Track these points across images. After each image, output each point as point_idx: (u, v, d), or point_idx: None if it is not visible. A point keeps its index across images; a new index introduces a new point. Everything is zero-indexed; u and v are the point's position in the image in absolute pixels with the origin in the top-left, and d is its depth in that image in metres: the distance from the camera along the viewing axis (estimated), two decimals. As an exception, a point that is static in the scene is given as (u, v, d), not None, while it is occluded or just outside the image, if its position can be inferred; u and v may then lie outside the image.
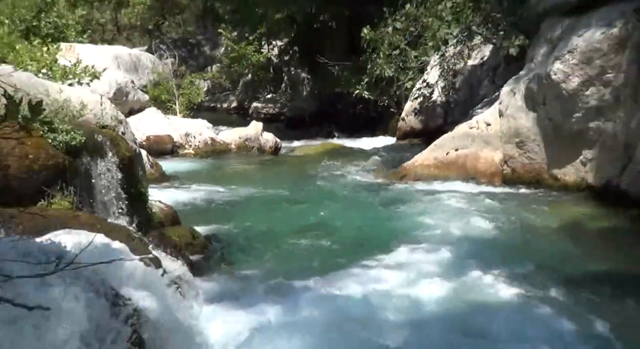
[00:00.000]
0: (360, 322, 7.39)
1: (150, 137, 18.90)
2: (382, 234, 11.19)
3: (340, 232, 11.33)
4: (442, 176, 14.68)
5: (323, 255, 10.01)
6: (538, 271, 8.92)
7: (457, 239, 10.64)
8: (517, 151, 14.04)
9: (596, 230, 11.11)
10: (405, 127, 21.36)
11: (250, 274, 9.22)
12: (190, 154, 19.57)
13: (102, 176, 8.57)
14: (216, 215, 12.46)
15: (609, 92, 12.20)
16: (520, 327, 7.19)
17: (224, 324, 7.29)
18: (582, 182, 13.10)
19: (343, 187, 15.05)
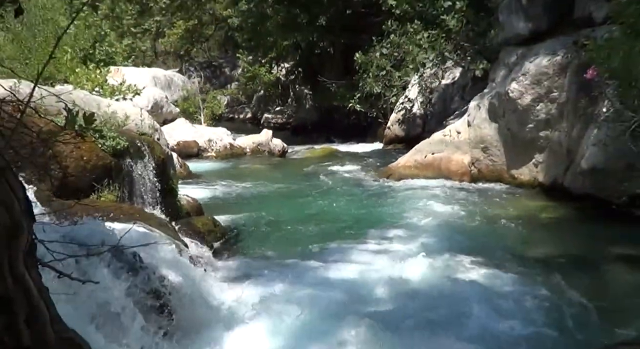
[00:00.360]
0: (352, 295, 7.45)
1: (180, 143, 18.96)
2: (371, 222, 11.25)
3: (336, 220, 11.40)
4: (421, 175, 14.72)
5: (322, 239, 10.06)
6: (500, 253, 9.03)
7: (433, 226, 10.72)
8: (482, 155, 14.11)
9: (545, 219, 11.19)
10: (391, 134, 21.39)
11: (261, 255, 9.28)
12: (212, 157, 19.61)
13: (141, 174, 8.66)
14: (233, 206, 12.50)
15: (555, 108, 12.34)
16: (486, 298, 7.27)
17: (239, 297, 7.33)
18: (534, 180, 13.18)
19: (339, 183, 15.10)
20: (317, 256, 9.18)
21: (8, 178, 1.26)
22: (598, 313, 6.87)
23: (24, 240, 1.29)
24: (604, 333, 6.24)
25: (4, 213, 1.25)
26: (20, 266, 1.29)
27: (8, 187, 1.26)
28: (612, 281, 7.92)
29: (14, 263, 1.28)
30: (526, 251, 9.21)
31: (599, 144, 10.90)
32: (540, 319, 6.70)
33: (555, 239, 9.92)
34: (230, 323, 6.60)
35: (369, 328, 6.22)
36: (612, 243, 9.29)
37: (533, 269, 8.36)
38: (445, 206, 12.14)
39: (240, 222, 11.15)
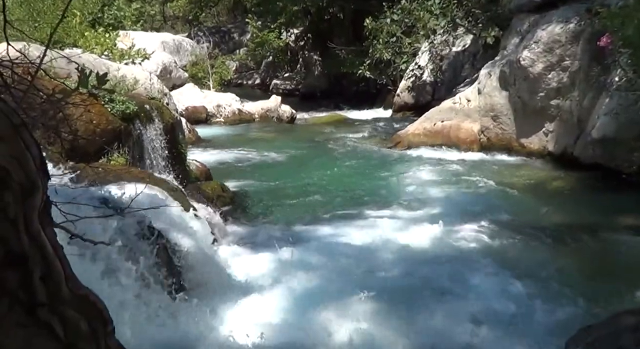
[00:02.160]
0: (359, 261, 7.51)
1: (189, 108, 18.92)
2: (379, 190, 11.27)
3: (344, 188, 11.41)
4: (430, 143, 14.65)
5: (330, 206, 10.10)
6: (509, 221, 9.06)
7: (441, 194, 10.74)
8: (492, 123, 14.03)
9: (555, 188, 11.17)
10: (400, 102, 21.26)
11: (269, 221, 9.33)
12: (221, 122, 19.57)
13: (150, 138, 8.66)
14: (242, 172, 12.53)
15: (567, 76, 12.22)
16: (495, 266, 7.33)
17: (247, 261, 7.41)
18: (544, 149, 13.12)
19: (347, 151, 15.07)
20: (326, 222, 9.23)
21: (23, 136, 1.25)
22: (606, 281, 6.92)
23: (39, 198, 1.30)
24: (612, 301, 6.27)
25: (19, 171, 1.25)
26: (35, 224, 1.30)
27: (23, 145, 1.26)
28: (620, 250, 7.92)
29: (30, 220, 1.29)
30: (535, 220, 9.21)
31: (611, 113, 10.83)
32: (549, 288, 6.74)
33: (564, 208, 9.91)
34: (240, 288, 6.67)
35: (378, 295, 6.27)
36: (621, 213, 9.28)
37: (542, 237, 8.38)
38: (454, 174, 12.14)
39: (249, 188, 11.19)
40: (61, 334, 1.34)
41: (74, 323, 1.36)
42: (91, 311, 1.40)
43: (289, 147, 15.60)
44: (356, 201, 10.52)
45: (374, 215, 9.62)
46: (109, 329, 1.44)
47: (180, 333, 5.58)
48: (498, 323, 5.95)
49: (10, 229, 1.27)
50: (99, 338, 1.41)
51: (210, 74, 23.39)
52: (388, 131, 17.91)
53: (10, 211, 1.26)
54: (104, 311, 1.44)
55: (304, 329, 5.77)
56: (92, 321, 1.40)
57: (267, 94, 24.69)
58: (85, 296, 1.40)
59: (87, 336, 1.38)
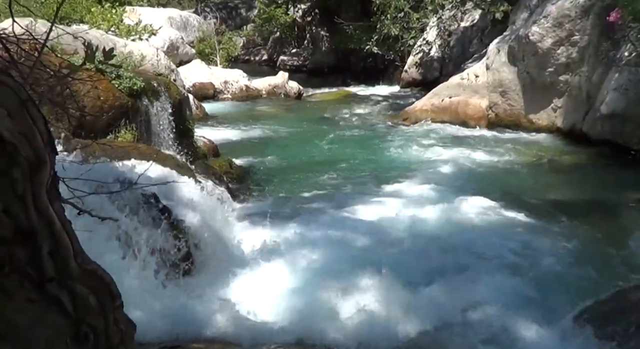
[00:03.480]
0: (365, 237, 7.50)
1: (196, 84, 18.85)
2: (387, 165, 11.28)
3: (351, 164, 11.41)
4: (438, 119, 14.60)
5: (337, 183, 10.12)
6: (517, 197, 9.06)
7: (449, 171, 10.73)
8: (500, 99, 13.95)
9: (563, 164, 11.16)
10: (408, 77, 21.16)
11: (277, 197, 9.35)
12: (228, 99, 19.51)
13: (158, 114, 8.66)
14: (250, 149, 12.52)
15: (576, 51, 12.14)
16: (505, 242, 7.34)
17: (255, 237, 7.42)
18: (552, 125, 13.07)
19: (355, 127, 15.04)
20: (333, 199, 9.24)
21: (30, 111, 1.25)
22: (614, 256, 6.93)
23: (46, 173, 1.30)
24: (620, 277, 6.29)
25: (27, 146, 1.25)
26: (43, 199, 1.30)
27: (30, 121, 1.26)
28: (628, 226, 7.92)
29: (37, 196, 1.29)
30: (544, 195, 9.22)
31: (620, 88, 10.76)
32: (558, 262, 6.76)
33: (573, 184, 9.91)
34: (248, 263, 6.70)
35: (384, 271, 6.26)
36: (629, 189, 9.27)
37: (551, 213, 8.39)
38: (462, 150, 12.10)
39: (256, 164, 11.20)
40: (70, 308, 1.35)
41: (82, 298, 1.37)
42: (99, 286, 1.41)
43: (296, 123, 15.57)
44: (363, 176, 10.53)
45: (382, 191, 9.63)
46: (117, 304, 1.46)
47: (188, 307, 5.61)
48: (504, 299, 5.94)
49: (18, 205, 1.28)
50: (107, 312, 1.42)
51: (217, 50, 23.26)
52: (396, 107, 17.83)
53: (19, 187, 1.27)
54: (111, 285, 1.45)
55: (311, 304, 5.80)
56: (101, 296, 1.41)
57: (274, 70, 24.58)
58: (94, 271, 1.41)
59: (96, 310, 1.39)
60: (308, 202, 9.08)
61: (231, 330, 5.37)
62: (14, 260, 1.27)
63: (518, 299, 5.98)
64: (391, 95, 20.50)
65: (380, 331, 5.37)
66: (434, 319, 5.60)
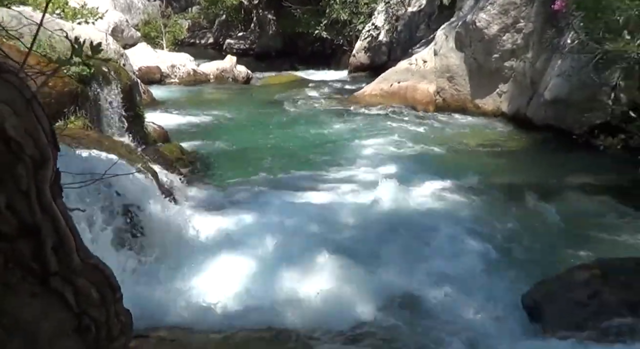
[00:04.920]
0: (319, 221, 7.57)
1: (142, 68, 18.51)
2: (337, 150, 11.36)
3: (303, 149, 11.46)
4: (387, 104, 14.74)
5: (290, 167, 10.14)
6: (465, 180, 9.26)
7: (399, 154, 10.90)
8: (448, 84, 14.20)
9: (508, 148, 11.44)
10: (356, 62, 21.26)
11: (230, 183, 9.32)
12: (175, 83, 19.25)
13: (108, 100, 8.53)
14: (200, 134, 12.43)
15: (521, 38, 12.45)
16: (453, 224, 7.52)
17: (209, 223, 7.39)
18: (497, 110, 13.39)
19: (305, 111, 15.06)
20: (286, 183, 9.29)
21: (35, 109, 1.27)
22: (559, 238, 7.18)
23: (50, 170, 1.32)
24: (566, 257, 6.52)
25: (31, 144, 1.26)
26: (47, 196, 1.32)
27: (35, 118, 1.28)
28: (572, 208, 8.19)
29: (42, 192, 1.31)
30: (490, 179, 9.45)
31: (563, 75, 11.08)
32: (505, 244, 6.98)
33: (518, 167, 10.18)
34: (203, 250, 6.68)
35: (340, 254, 6.38)
36: (572, 172, 9.58)
37: (496, 196, 8.63)
38: (411, 134, 12.29)
39: (208, 150, 11.13)
40: (73, 302, 1.38)
41: (85, 291, 1.40)
42: (101, 279, 1.44)
43: (246, 108, 15.51)
44: (315, 161, 10.60)
45: (333, 176, 9.72)
46: (117, 296, 1.49)
47: (146, 296, 5.58)
48: (456, 279, 6.11)
49: (22, 201, 1.29)
50: (108, 305, 1.45)
51: (163, 34, 22.92)
52: (344, 91, 17.92)
53: (23, 184, 1.28)
54: (112, 278, 1.48)
55: (268, 289, 5.84)
56: (102, 289, 1.44)
57: (221, 54, 24.38)
58: (95, 265, 1.44)
59: (97, 303, 1.42)
60: (261, 187, 9.09)
61: (190, 317, 5.38)
62: (18, 255, 1.29)
63: (466, 279, 6.14)
64: (340, 79, 20.58)
65: (337, 313, 5.47)
66: (387, 299, 5.73)
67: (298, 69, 23.07)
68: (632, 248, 6.72)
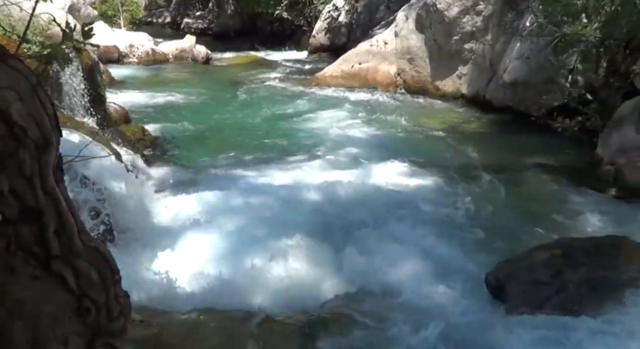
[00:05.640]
0: (283, 202, 7.58)
1: (100, 47, 18.14)
2: (298, 132, 11.37)
3: (264, 130, 11.45)
4: (348, 85, 14.80)
5: (251, 148, 10.13)
6: (424, 161, 9.39)
7: (359, 136, 10.96)
8: (408, 66, 14.29)
9: (468, 130, 11.60)
10: (316, 43, 21.23)
11: (192, 164, 9.29)
12: (134, 63, 18.97)
13: (69, 81, 8.36)
14: (161, 115, 12.31)
15: (481, 20, 12.59)
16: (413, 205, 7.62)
17: (173, 204, 7.36)
18: (457, 92, 13.55)
19: (266, 93, 15.01)
20: (249, 164, 9.29)
21: (39, 94, 1.27)
22: (520, 218, 7.34)
23: (53, 155, 1.33)
24: (527, 237, 6.67)
25: (35, 129, 1.27)
26: (50, 180, 1.33)
27: (39, 103, 1.28)
28: (531, 189, 8.39)
29: (45, 176, 1.32)
30: (450, 160, 9.60)
31: (522, 57, 11.26)
32: (467, 225, 7.11)
33: (477, 148, 10.31)
34: (168, 231, 6.67)
35: (305, 235, 6.40)
36: (530, 153, 9.77)
37: (457, 177, 8.77)
38: (371, 116, 12.36)
39: (169, 131, 11.03)
40: (74, 284, 1.40)
41: (85, 274, 1.42)
42: (101, 262, 1.46)
43: (206, 89, 15.38)
44: (277, 143, 10.60)
45: (296, 156, 9.74)
46: (116, 278, 1.51)
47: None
48: (419, 259, 6.19)
49: (26, 185, 1.30)
50: (108, 287, 1.47)
51: (120, 12, 22.50)
52: (305, 72, 17.92)
53: (26, 169, 1.29)
54: (111, 261, 1.50)
55: (235, 270, 5.83)
56: (102, 271, 1.46)
57: (179, 33, 24.09)
58: (96, 248, 1.45)
59: (98, 285, 1.44)
60: (224, 168, 9.08)
61: (158, 298, 5.35)
62: (20, 239, 1.30)
63: (429, 259, 6.21)
64: (300, 60, 20.53)
65: (305, 293, 5.51)
66: (355, 280, 5.77)
67: (258, 49, 22.94)
68: (591, 228, 6.92)
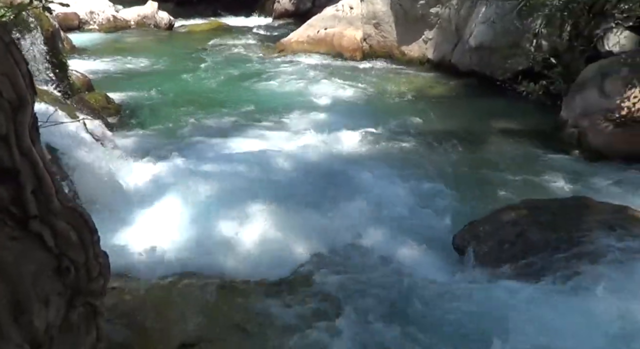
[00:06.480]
0: (252, 169, 7.54)
1: (59, 14, 17.58)
2: (264, 99, 11.30)
3: (230, 97, 11.37)
4: (314, 51, 14.70)
5: (217, 116, 10.07)
6: (391, 127, 9.47)
7: (326, 102, 10.95)
8: (374, 31, 14.25)
9: (434, 94, 11.68)
10: (280, 9, 21.02)
11: (158, 132, 9.22)
12: (95, 30, 18.56)
13: (30, 48, 8.19)
14: (124, 83, 12.12)
15: (447, -16, 12.56)
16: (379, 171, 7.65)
17: (140, 172, 7.30)
18: (423, 57, 13.57)
19: (231, 59, 14.84)
20: (216, 131, 9.24)
21: (13, 53, 1.26)
22: (485, 181, 7.47)
23: (29, 114, 1.32)
24: (491, 200, 6.79)
25: (9, 87, 1.26)
26: (26, 140, 1.32)
27: (13, 61, 1.27)
28: (496, 152, 8.51)
29: (21, 136, 1.31)
30: (416, 125, 9.66)
31: (487, 21, 11.31)
32: (433, 188, 7.20)
33: (443, 113, 10.39)
34: (136, 200, 6.62)
35: (275, 200, 6.42)
36: (496, 117, 9.89)
37: (424, 141, 8.86)
38: (338, 82, 12.34)
39: (133, 99, 10.91)
40: (52, 244, 1.40)
41: (64, 234, 1.42)
42: (79, 222, 1.46)
43: (170, 56, 15.16)
44: (243, 110, 10.54)
45: (262, 123, 9.73)
46: (95, 238, 1.51)
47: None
48: (388, 222, 6.28)
49: (1, 145, 1.29)
50: (87, 247, 1.47)
51: (79, -23, 21.88)
52: (270, 38, 17.74)
53: (2, 128, 1.28)
54: (90, 221, 1.50)
55: (206, 236, 5.85)
56: (80, 231, 1.46)
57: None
58: (74, 208, 1.45)
59: (76, 245, 1.44)
60: (190, 136, 9.02)
61: (127, 265, 5.33)
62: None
63: (398, 222, 6.31)
64: (264, 26, 20.31)
65: (276, 257, 5.55)
66: (326, 243, 5.83)
67: (221, 15, 22.59)
68: (555, 189, 7.07)
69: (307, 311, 4.53)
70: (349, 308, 4.56)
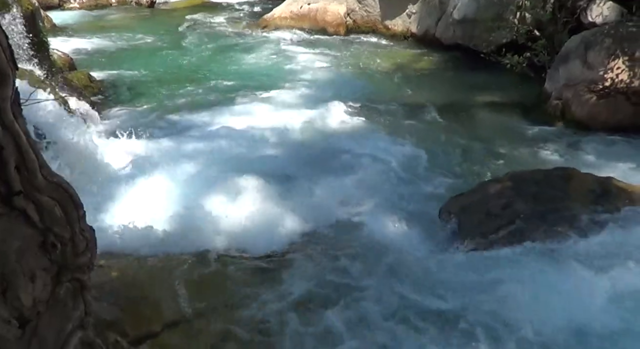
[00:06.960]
0: (239, 145, 7.58)
1: (38, -8, 17.47)
2: (248, 75, 11.24)
3: (213, 73, 11.29)
4: (297, 26, 14.60)
5: (201, 93, 10.03)
6: (376, 100, 9.48)
7: (311, 77, 10.92)
8: (358, 5, 14.18)
9: (418, 68, 11.67)
10: (263, -16, 20.82)
11: (142, 110, 9.16)
12: (75, 8, 18.33)
13: (10, 27, 8.06)
14: (106, 61, 12.00)
15: (430, -43, 12.48)
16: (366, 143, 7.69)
17: (125, 149, 7.27)
18: (407, 31, 13.53)
19: (214, 36, 14.70)
20: (199, 109, 9.18)
21: (-9, 26, 1.24)
22: (471, 154, 7.50)
23: (10, 88, 1.30)
24: (476, 173, 6.83)
25: (-11, 62, 1.24)
26: (8, 114, 1.31)
27: (-8, 35, 1.24)
28: (481, 125, 8.53)
29: (3, 111, 1.29)
30: (401, 99, 9.66)
31: (471, -6, 11.26)
32: (421, 162, 7.23)
33: (428, 87, 10.40)
34: (122, 176, 6.59)
35: (262, 176, 6.42)
36: (480, 90, 9.91)
37: (408, 115, 8.88)
38: (322, 57, 12.30)
39: (116, 77, 10.81)
40: (37, 219, 1.39)
41: (48, 209, 1.41)
42: (64, 197, 1.45)
43: (152, 33, 14.98)
44: (226, 85, 10.50)
45: (246, 99, 9.68)
46: (81, 213, 1.50)
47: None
48: (375, 196, 6.32)
49: (-17, 121, 1.28)
50: (72, 222, 1.46)
51: (58, -46, 21.52)
52: (253, 14, 17.60)
53: (-18, 103, 1.26)
54: (75, 196, 1.49)
55: (194, 213, 5.82)
56: (66, 206, 1.45)
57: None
58: (59, 183, 1.44)
59: (62, 220, 1.43)
60: (174, 114, 8.97)
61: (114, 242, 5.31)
62: (-20, 176, 1.28)
63: (385, 196, 6.36)
64: (247, 2, 20.09)
65: (263, 233, 5.54)
66: (311, 218, 5.83)
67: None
68: (540, 161, 7.12)
69: (295, 286, 4.55)
70: (337, 282, 4.59)
